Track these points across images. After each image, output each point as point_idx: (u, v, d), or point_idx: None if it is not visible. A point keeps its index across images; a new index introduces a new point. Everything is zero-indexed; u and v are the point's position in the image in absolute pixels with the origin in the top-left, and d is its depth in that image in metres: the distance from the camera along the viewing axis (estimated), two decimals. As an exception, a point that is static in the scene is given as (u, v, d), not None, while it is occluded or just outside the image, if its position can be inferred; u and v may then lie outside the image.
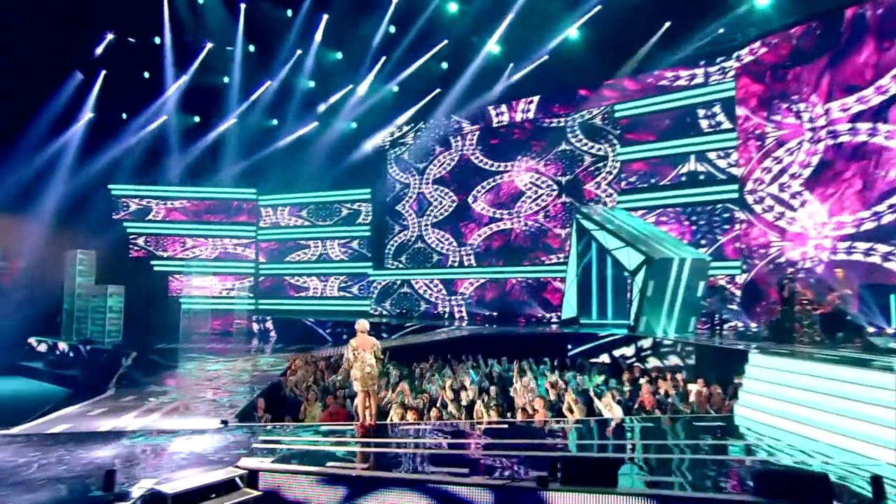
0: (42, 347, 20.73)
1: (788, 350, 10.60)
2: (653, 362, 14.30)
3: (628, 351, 15.32)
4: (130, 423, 8.96)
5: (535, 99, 22.29)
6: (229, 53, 22.24)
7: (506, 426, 8.94)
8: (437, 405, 10.02)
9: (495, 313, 22.21)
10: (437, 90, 22.79)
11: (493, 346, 16.08)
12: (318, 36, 21.89)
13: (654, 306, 15.26)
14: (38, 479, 6.46)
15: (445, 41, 21.31)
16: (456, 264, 23.77)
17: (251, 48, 22.46)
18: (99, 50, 20.80)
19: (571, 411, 10.00)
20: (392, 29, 21.57)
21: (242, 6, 21.32)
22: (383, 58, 22.39)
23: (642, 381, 12.24)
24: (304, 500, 6.57)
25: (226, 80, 23.28)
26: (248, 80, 23.19)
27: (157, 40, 21.33)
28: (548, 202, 22.05)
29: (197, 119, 24.31)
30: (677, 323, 15.32)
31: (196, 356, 17.81)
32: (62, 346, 20.03)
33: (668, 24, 18.62)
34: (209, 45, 21.94)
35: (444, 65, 22.17)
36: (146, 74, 22.37)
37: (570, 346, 16.21)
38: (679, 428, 9.05)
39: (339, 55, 23.06)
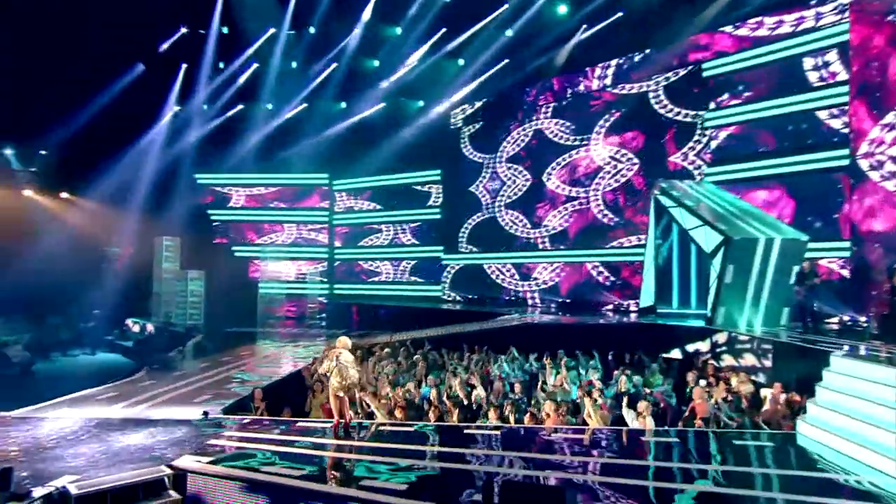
0: (136, 328, 22.25)
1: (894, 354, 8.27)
2: (728, 360, 12.17)
3: (703, 346, 13.22)
4: (117, 411, 8.83)
5: (612, 63, 20.06)
6: (290, 37, 22.28)
7: (497, 432, 7.67)
8: (436, 403, 8.94)
9: (568, 300, 20.53)
10: (506, 60, 21.26)
11: (552, 337, 14.60)
12: (372, 12, 21.23)
13: (735, 294, 13.04)
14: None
15: (506, 5, 19.76)
16: (530, 248, 22.22)
17: (311, 30, 22.34)
18: (165, 46, 21.69)
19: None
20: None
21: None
22: (443, 29, 21.29)
23: (701, 383, 10.37)
24: (225, 507, 5.92)
25: (293, 64, 23.44)
26: (311, 63, 23.17)
27: (226, 30, 21.88)
28: (628, 177, 19.85)
29: (270, 106, 24.76)
30: (765, 314, 13.00)
31: (258, 340, 18.08)
32: (149, 327, 21.36)
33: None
34: (271, 31, 22.16)
35: (509, 32, 20.57)
36: (221, 65, 23.08)
37: (637, 338, 14.30)
38: (716, 445, 7.27)
39: (398, 30, 22.27)
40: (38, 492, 5.50)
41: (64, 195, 24.76)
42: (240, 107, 24.56)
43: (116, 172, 23.50)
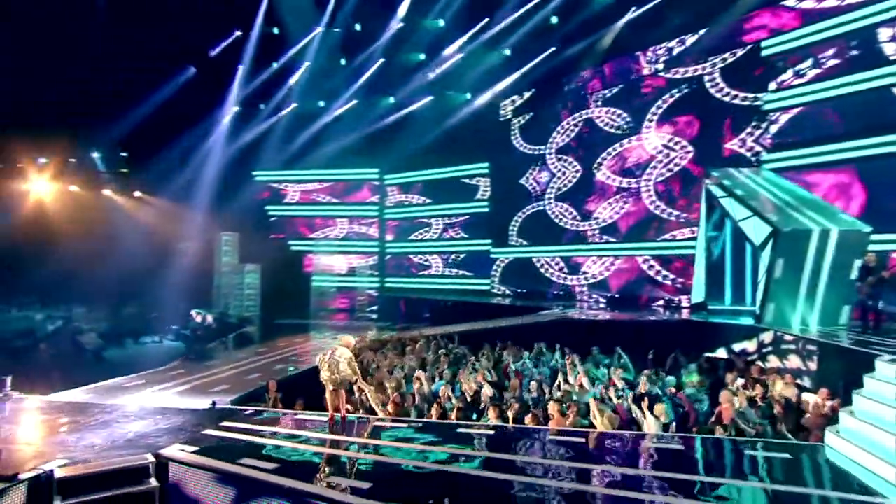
0: (198, 318, 23.42)
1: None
2: (773, 362, 11.23)
3: (750, 346, 12.28)
4: (136, 398, 9.25)
5: (665, 46, 18.97)
6: (336, 35, 22.59)
7: (491, 432, 7.37)
8: (442, 400, 8.76)
9: (618, 295, 19.70)
10: (553, 48, 20.61)
11: (590, 334, 14.06)
12: (412, 5, 21.14)
13: (786, 290, 12.03)
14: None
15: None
16: (580, 241, 21.47)
17: (357, 27, 22.56)
18: (216, 51, 22.57)
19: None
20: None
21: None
22: (486, 19, 20.88)
23: (738, 383, 9.62)
24: (197, 496, 6.02)
25: (342, 61, 23.80)
26: (358, 59, 23.42)
27: (276, 31, 22.51)
28: (682, 165, 18.75)
29: (322, 104, 25.26)
30: (822, 312, 11.88)
31: (304, 332, 18.50)
32: (209, 318, 22.43)
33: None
34: (318, 30, 22.54)
35: (554, 19, 19.90)
36: (274, 65, 23.79)
37: (680, 337, 13.48)
38: (703, 453, 6.65)
39: (441, 23, 22.04)
40: (25, 474, 5.78)
41: (137, 194, 26.41)
42: (293, 105, 25.22)
43: (183, 171, 24.83)
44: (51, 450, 6.63)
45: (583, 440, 6.94)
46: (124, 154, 26.20)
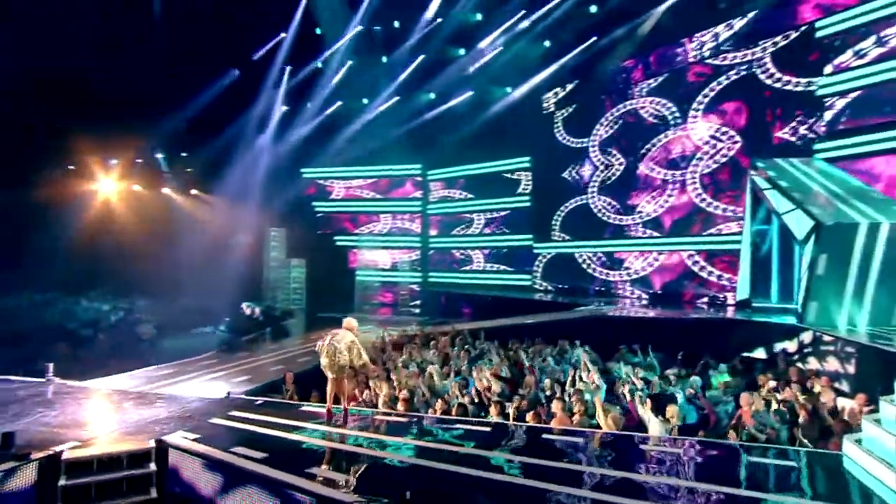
0: (248, 311, 24.32)
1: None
2: (812, 364, 10.54)
3: (790, 346, 11.58)
4: (160, 385, 9.70)
5: (711, 31, 18.06)
6: (376, 33, 22.77)
7: (487, 429, 7.26)
8: (446, 397, 8.72)
9: (660, 291, 18.99)
10: (594, 38, 20.02)
11: (623, 332, 13.64)
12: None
13: (830, 288, 11.27)
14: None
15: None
16: (622, 235, 20.81)
17: (395, 24, 22.66)
18: (259, 53, 23.17)
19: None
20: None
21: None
22: (522, 11, 20.50)
23: (763, 390, 9.10)
24: (191, 482, 6.26)
25: (384, 58, 23.98)
26: (399, 56, 23.51)
27: (318, 31, 22.94)
28: (729, 157, 17.84)
29: (365, 101, 25.54)
30: (873, 311, 11.05)
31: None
32: (257, 310, 23.23)
33: None
34: (358, 27, 22.73)
35: (594, 8, 19.32)
36: (319, 64, 24.26)
37: (716, 336, 12.88)
38: (711, 459, 6.29)
39: (479, 16, 21.81)
40: (36, 455, 6.18)
41: (193, 192, 27.64)
42: (339, 103, 25.62)
43: (234, 170, 25.79)
44: (66, 432, 7.06)
45: (577, 439, 6.74)
46: (184, 154, 27.45)
